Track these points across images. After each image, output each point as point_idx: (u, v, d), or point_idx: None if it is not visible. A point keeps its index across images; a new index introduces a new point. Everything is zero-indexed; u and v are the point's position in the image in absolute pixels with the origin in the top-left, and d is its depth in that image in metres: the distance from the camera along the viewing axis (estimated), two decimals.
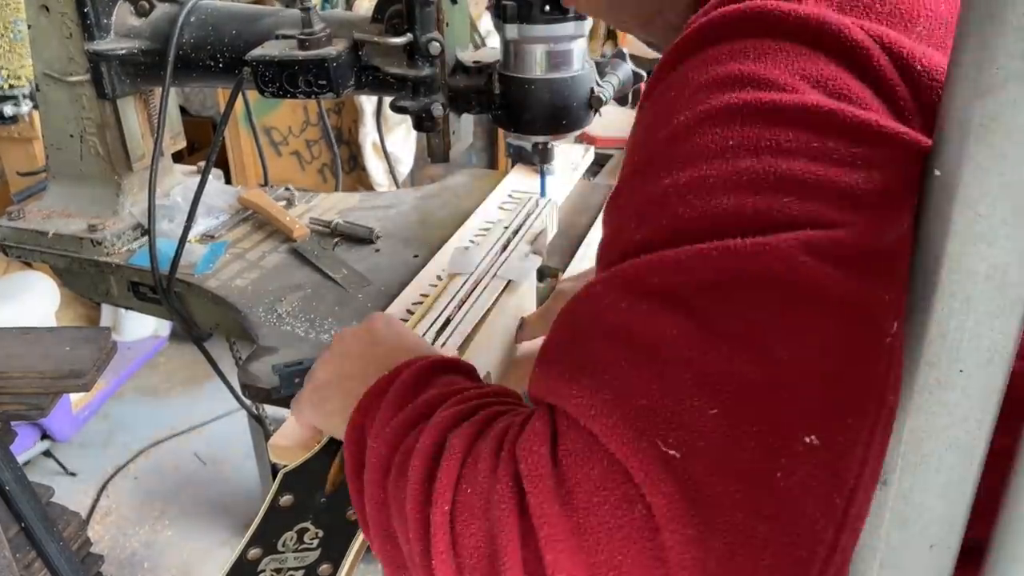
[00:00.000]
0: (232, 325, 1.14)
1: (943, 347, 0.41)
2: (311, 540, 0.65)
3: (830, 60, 0.44)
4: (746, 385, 0.39)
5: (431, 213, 1.34)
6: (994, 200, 0.37)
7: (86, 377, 1.03)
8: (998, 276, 0.38)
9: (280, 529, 0.66)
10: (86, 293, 1.30)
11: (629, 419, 0.40)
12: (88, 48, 1.11)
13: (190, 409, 2.84)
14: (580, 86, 0.94)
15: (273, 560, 0.63)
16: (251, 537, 0.65)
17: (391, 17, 0.97)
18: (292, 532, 0.65)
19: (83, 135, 1.18)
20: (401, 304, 1.06)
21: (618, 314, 0.43)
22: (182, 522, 2.42)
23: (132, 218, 1.23)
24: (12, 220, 1.23)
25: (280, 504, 0.68)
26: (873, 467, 0.43)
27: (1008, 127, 0.36)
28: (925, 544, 0.45)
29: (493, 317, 0.88)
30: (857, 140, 0.42)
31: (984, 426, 0.42)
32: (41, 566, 1.00)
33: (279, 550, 0.64)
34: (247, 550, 0.65)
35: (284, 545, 0.65)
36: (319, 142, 2.95)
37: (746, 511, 0.38)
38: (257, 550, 0.64)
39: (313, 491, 0.68)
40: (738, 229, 0.41)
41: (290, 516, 0.67)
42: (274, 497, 0.68)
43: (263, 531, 0.66)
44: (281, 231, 1.26)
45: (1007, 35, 0.35)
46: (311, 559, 0.63)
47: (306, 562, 0.63)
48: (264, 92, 0.99)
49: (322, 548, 0.64)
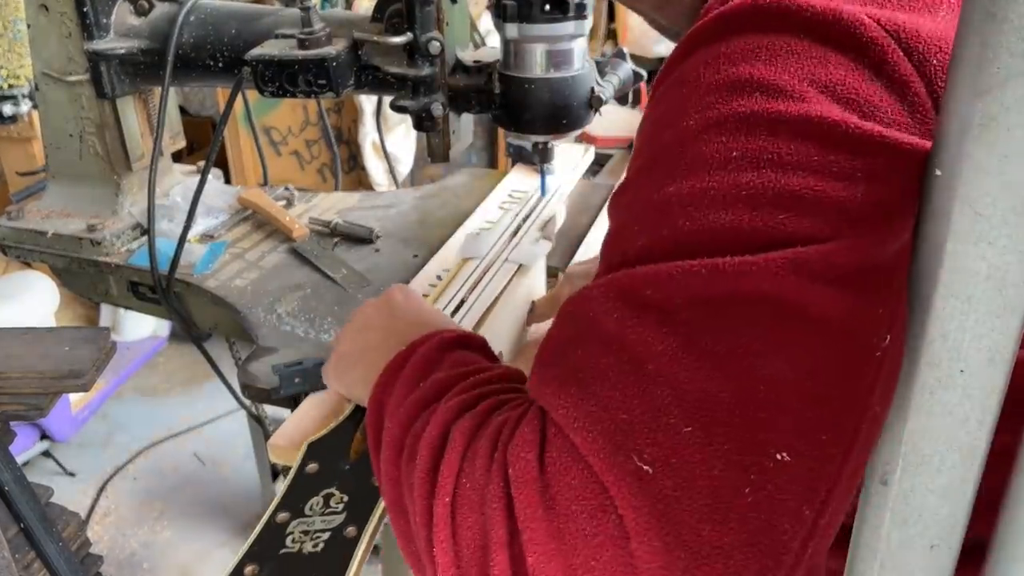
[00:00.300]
0: (231, 325, 1.13)
1: (944, 347, 0.41)
2: (336, 504, 0.68)
3: (843, 58, 0.44)
4: (721, 404, 0.40)
5: (431, 213, 1.34)
6: (994, 199, 0.37)
7: (85, 377, 1.03)
8: (998, 276, 0.38)
9: (307, 494, 0.69)
10: (85, 293, 1.30)
11: (608, 433, 0.41)
12: (87, 48, 1.11)
13: (189, 409, 2.84)
14: (580, 86, 0.94)
15: (301, 523, 0.67)
16: (279, 502, 0.69)
17: (391, 16, 0.97)
18: (318, 497, 0.69)
19: (82, 135, 1.18)
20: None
21: (612, 323, 0.44)
22: (181, 522, 2.42)
23: (131, 218, 1.23)
24: (11, 220, 1.23)
25: (306, 471, 0.72)
26: (850, 475, 0.43)
27: (1008, 127, 0.36)
28: (926, 544, 0.45)
29: (505, 300, 0.91)
30: (859, 152, 0.42)
31: (985, 426, 0.42)
32: (40, 566, 0.99)
33: (306, 514, 0.68)
34: (276, 514, 0.68)
35: (311, 509, 0.68)
36: (319, 142, 2.95)
37: (712, 524, 0.40)
38: (285, 514, 0.68)
39: (337, 459, 0.72)
40: (734, 245, 0.41)
41: (316, 482, 0.70)
42: (300, 465, 0.72)
43: (291, 496, 0.70)
44: (281, 231, 1.26)
45: (1007, 34, 0.35)
46: (337, 522, 0.66)
47: (332, 525, 0.66)
48: (264, 92, 0.99)
49: (347, 511, 0.67)
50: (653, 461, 0.40)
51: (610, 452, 0.41)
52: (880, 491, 0.45)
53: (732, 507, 0.40)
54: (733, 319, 0.41)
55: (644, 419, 0.41)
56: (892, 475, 0.44)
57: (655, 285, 0.43)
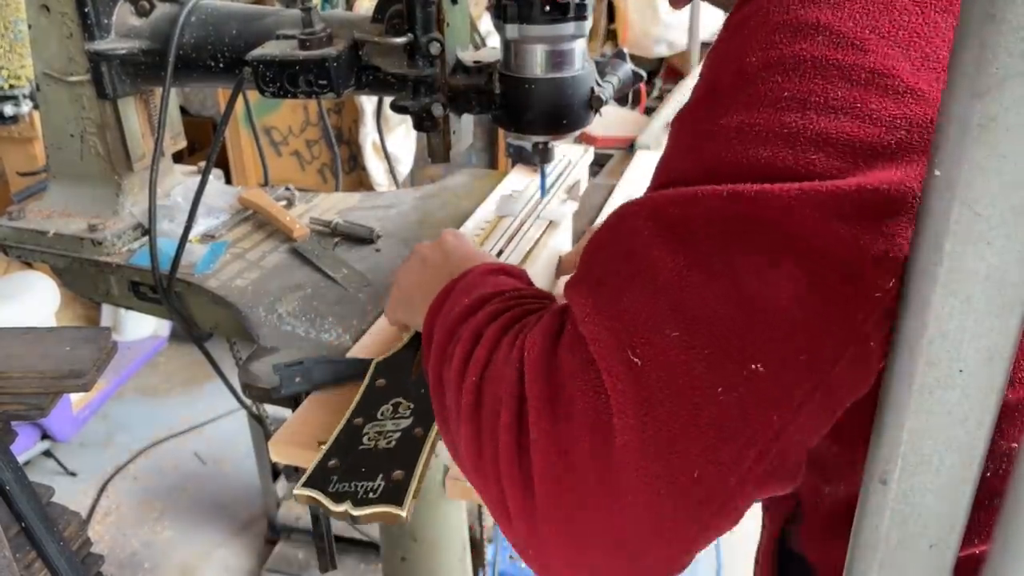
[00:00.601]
0: (232, 325, 1.14)
1: (943, 347, 0.41)
2: (404, 411, 0.79)
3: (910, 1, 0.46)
4: (711, 314, 0.45)
5: (431, 213, 1.34)
6: (993, 199, 0.37)
7: (86, 377, 1.03)
8: (998, 276, 0.38)
9: (378, 403, 0.80)
10: (86, 293, 1.30)
11: (612, 330, 0.48)
12: (88, 48, 1.11)
13: (190, 409, 2.84)
14: (580, 86, 0.94)
15: (375, 425, 0.77)
16: (354, 409, 0.79)
17: (391, 17, 0.97)
18: (388, 405, 0.79)
19: (83, 135, 1.18)
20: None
21: (640, 238, 0.49)
22: (182, 522, 2.42)
23: (132, 218, 1.23)
24: (12, 220, 1.23)
25: (376, 385, 0.82)
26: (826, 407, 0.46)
27: (1007, 127, 0.36)
28: (925, 544, 0.45)
29: (536, 253, 1.03)
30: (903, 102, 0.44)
31: (984, 426, 0.42)
32: (41, 566, 0.99)
33: (379, 418, 0.78)
34: (352, 419, 0.78)
35: (383, 414, 0.78)
36: (319, 142, 2.95)
37: (687, 415, 0.45)
38: (360, 419, 0.78)
39: (402, 375, 0.83)
40: (764, 178, 0.45)
41: (386, 393, 0.81)
42: (370, 381, 0.83)
43: (364, 404, 0.80)
44: (281, 231, 1.27)
45: (1006, 35, 0.35)
46: (405, 424, 0.77)
47: (401, 427, 0.76)
48: (264, 92, 0.99)
49: (414, 416, 0.78)
50: (643, 357, 0.46)
51: (610, 345, 0.47)
52: (879, 490, 0.45)
53: (705, 403, 0.45)
54: (740, 240, 0.45)
55: (644, 323, 0.46)
56: (891, 475, 0.44)
57: (682, 204, 0.47)
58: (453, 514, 0.98)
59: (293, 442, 0.82)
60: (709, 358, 0.45)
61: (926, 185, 0.42)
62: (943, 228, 0.39)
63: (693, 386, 0.45)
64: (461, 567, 1.00)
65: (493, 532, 2.05)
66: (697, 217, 0.46)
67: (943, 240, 0.39)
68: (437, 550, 0.96)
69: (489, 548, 2.03)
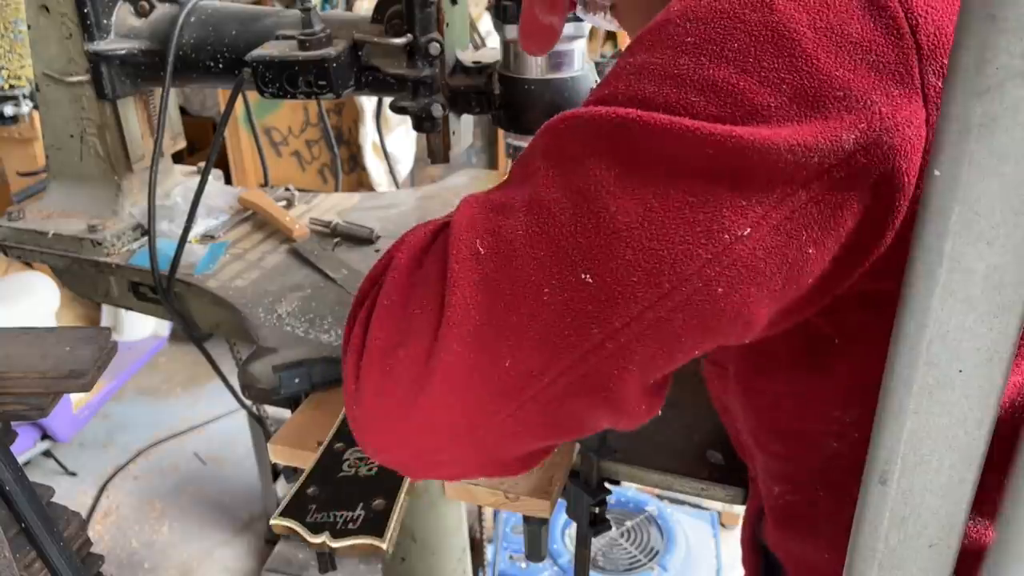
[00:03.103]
0: (232, 325, 1.14)
1: (942, 347, 0.41)
2: None
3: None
4: (556, 219, 0.47)
5: (431, 213, 1.34)
6: (993, 200, 0.37)
7: (86, 377, 1.03)
8: (997, 276, 0.38)
9: None
10: (86, 293, 1.30)
11: (469, 218, 0.51)
12: (88, 48, 1.11)
13: (190, 409, 2.84)
14: (580, 86, 0.94)
15: (356, 451, 0.75)
16: (335, 433, 0.78)
17: (391, 18, 0.97)
18: None
19: (83, 135, 1.18)
20: None
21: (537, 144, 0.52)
22: (182, 522, 2.42)
23: (132, 218, 1.23)
24: (12, 220, 1.23)
25: None
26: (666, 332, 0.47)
27: (1007, 127, 0.36)
28: (924, 544, 0.45)
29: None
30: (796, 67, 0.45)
31: (983, 426, 0.42)
32: (41, 566, 0.99)
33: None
34: (333, 443, 0.77)
35: None
36: (319, 142, 2.96)
37: (514, 305, 0.48)
38: (341, 444, 0.76)
39: None
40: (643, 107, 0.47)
41: None
42: None
43: (346, 428, 0.77)
44: (281, 231, 1.27)
45: (1006, 34, 0.35)
46: None
47: None
48: (264, 93, 0.99)
49: None
50: (489, 247, 0.49)
51: (463, 230, 0.50)
52: (879, 490, 0.45)
53: (530, 299, 0.48)
54: (599, 155, 0.47)
55: (499, 217, 0.50)
56: (891, 475, 0.44)
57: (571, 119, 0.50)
58: (452, 514, 0.98)
59: (293, 442, 0.82)
60: (545, 258, 0.48)
61: (926, 185, 0.42)
62: (943, 228, 0.39)
63: (525, 281, 0.48)
64: (461, 567, 1.00)
65: (493, 532, 2.06)
66: (573, 127, 0.49)
67: (943, 240, 0.39)
68: (437, 550, 0.96)
69: (489, 548, 2.03)
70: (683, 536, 2.07)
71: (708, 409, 0.88)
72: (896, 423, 0.43)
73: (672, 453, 0.82)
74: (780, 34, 0.45)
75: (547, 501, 0.76)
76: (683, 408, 0.89)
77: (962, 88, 0.37)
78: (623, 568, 2.01)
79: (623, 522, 2.12)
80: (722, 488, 0.80)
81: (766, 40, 0.45)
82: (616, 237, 0.46)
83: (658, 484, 0.83)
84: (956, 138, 0.38)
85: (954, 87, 0.38)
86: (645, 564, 2.01)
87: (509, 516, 2.06)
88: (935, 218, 0.40)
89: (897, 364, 0.43)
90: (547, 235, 0.48)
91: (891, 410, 0.44)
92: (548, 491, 0.76)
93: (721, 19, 0.46)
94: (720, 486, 0.80)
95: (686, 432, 0.85)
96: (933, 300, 0.40)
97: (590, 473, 0.81)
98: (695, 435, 0.85)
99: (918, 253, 0.42)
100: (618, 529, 2.10)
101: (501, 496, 0.77)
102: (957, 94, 0.38)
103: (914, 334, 0.42)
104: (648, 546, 2.06)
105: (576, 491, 0.82)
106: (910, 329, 0.42)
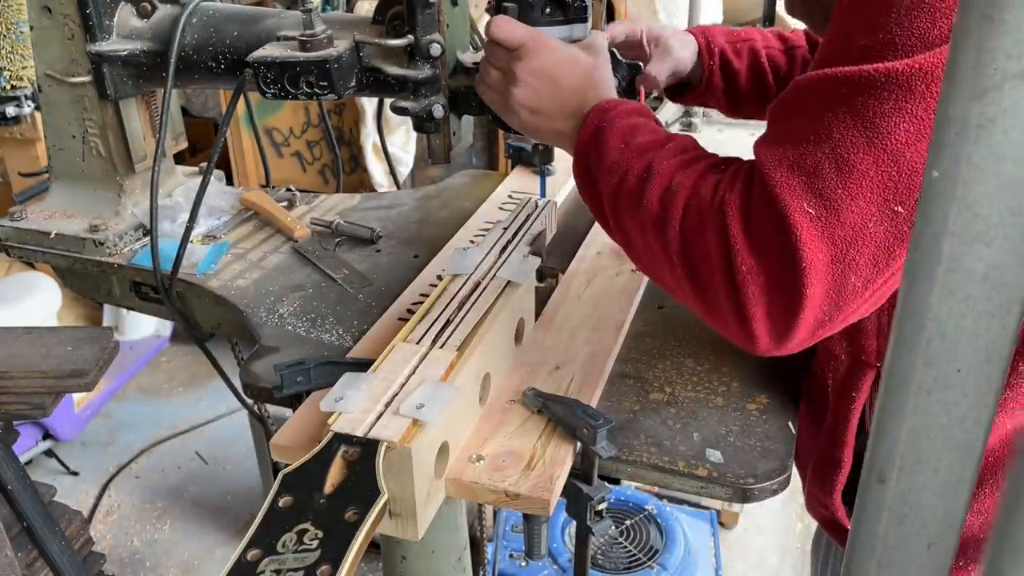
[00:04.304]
0: (234, 325, 1.14)
1: (941, 347, 0.41)
2: (311, 541, 0.65)
3: None
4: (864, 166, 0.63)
5: (432, 213, 1.34)
6: (991, 200, 0.37)
7: (88, 377, 1.04)
8: (995, 276, 0.39)
9: (280, 530, 0.66)
10: (88, 293, 1.30)
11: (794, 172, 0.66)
12: (90, 49, 1.11)
13: (192, 409, 2.84)
14: None
15: (273, 561, 0.63)
16: (250, 538, 0.65)
17: (392, 19, 0.97)
18: (292, 533, 0.65)
19: (85, 136, 1.19)
20: (402, 304, 1.06)
21: (822, 103, 0.66)
22: (184, 521, 2.42)
23: (134, 218, 1.23)
24: (14, 220, 1.24)
25: (279, 505, 0.68)
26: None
27: (1005, 127, 0.36)
28: (923, 543, 0.45)
29: (493, 317, 0.88)
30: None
31: (982, 425, 0.42)
32: (43, 565, 1.00)
33: (279, 551, 0.64)
34: (246, 551, 0.64)
35: (284, 546, 0.64)
36: (320, 143, 2.96)
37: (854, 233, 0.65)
38: (257, 551, 0.64)
39: (312, 492, 0.69)
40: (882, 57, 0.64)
41: (290, 517, 0.67)
42: (274, 498, 0.68)
43: (263, 532, 0.66)
44: (282, 231, 1.27)
45: (1004, 36, 0.35)
46: (311, 560, 0.63)
47: (306, 563, 0.63)
48: (266, 93, 0.99)
49: (321, 549, 0.64)
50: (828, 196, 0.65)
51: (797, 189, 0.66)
52: (878, 489, 0.45)
53: (866, 227, 0.64)
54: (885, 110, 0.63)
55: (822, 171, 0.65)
56: (889, 473, 0.44)
57: (848, 75, 0.64)
58: (453, 514, 0.98)
59: (294, 442, 0.82)
60: (868, 198, 0.64)
61: (925, 185, 0.42)
62: (942, 228, 0.39)
63: (861, 214, 0.64)
64: (461, 566, 1.01)
65: (493, 531, 2.06)
66: (859, 86, 0.63)
67: (942, 240, 0.39)
68: (437, 549, 0.97)
69: (489, 547, 2.03)
70: (682, 535, 2.08)
71: (708, 408, 0.88)
72: (895, 422, 0.44)
73: (672, 452, 0.83)
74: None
75: (547, 499, 0.76)
76: (683, 407, 0.89)
77: (960, 90, 0.37)
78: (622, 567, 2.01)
79: (623, 521, 2.12)
80: (721, 487, 0.80)
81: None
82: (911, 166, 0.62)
83: (657, 483, 0.83)
84: (955, 139, 0.38)
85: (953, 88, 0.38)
86: (644, 563, 2.01)
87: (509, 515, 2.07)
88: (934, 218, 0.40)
89: (896, 364, 0.43)
90: (864, 180, 0.63)
91: (890, 409, 0.44)
92: (548, 489, 0.76)
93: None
94: (719, 485, 0.80)
95: (686, 431, 0.85)
96: (932, 300, 0.40)
97: (590, 471, 0.82)
98: (695, 434, 0.85)
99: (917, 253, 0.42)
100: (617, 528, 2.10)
101: (501, 494, 0.77)
102: (956, 95, 0.38)
103: (913, 334, 0.42)
104: (647, 545, 2.06)
105: (576, 489, 0.82)
106: (909, 329, 0.42)
